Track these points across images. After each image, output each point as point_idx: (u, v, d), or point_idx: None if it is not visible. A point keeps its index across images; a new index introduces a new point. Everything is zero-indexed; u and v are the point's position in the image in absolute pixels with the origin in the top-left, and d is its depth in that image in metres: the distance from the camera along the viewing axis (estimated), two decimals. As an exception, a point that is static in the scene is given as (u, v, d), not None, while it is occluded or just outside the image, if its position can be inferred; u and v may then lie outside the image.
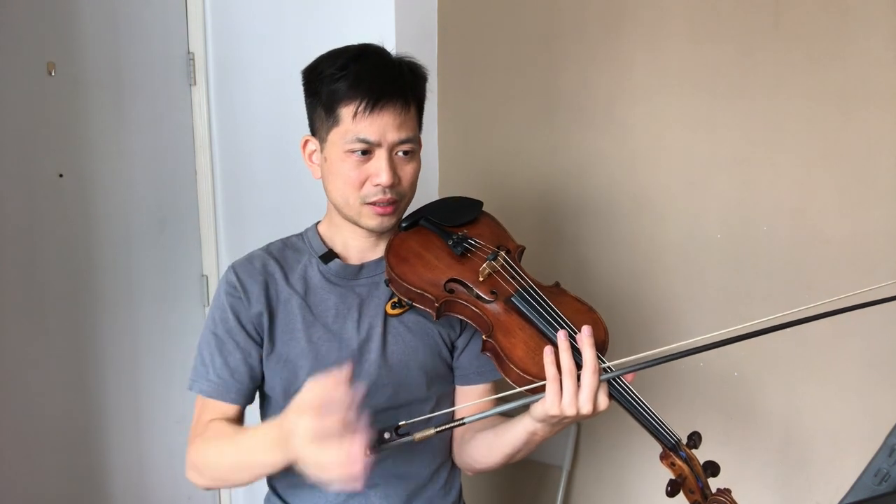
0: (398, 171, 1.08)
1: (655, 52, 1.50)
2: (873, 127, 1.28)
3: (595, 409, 0.93)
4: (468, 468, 1.19)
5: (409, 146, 1.09)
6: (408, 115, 1.08)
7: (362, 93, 1.04)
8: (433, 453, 1.18)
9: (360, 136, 1.05)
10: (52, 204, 1.72)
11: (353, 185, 1.08)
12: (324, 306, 1.14)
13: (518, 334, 1.00)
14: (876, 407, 1.32)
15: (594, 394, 0.92)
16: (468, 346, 1.19)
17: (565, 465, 1.65)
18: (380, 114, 1.04)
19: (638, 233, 1.56)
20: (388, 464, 1.14)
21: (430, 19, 1.81)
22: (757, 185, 1.41)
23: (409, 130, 1.08)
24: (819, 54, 1.32)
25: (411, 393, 1.14)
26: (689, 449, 0.95)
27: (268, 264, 1.16)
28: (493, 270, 1.08)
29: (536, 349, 0.97)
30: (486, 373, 1.18)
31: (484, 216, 1.23)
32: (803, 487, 1.42)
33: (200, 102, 2.06)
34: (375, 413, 1.13)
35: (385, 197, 1.08)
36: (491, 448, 1.09)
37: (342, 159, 1.07)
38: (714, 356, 1.49)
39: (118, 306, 1.90)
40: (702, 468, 0.94)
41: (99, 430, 1.87)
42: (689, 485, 0.94)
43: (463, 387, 1.20)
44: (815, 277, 1.37)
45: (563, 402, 0.91)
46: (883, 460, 0.84)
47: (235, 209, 2.11)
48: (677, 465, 0.95)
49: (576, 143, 1.63)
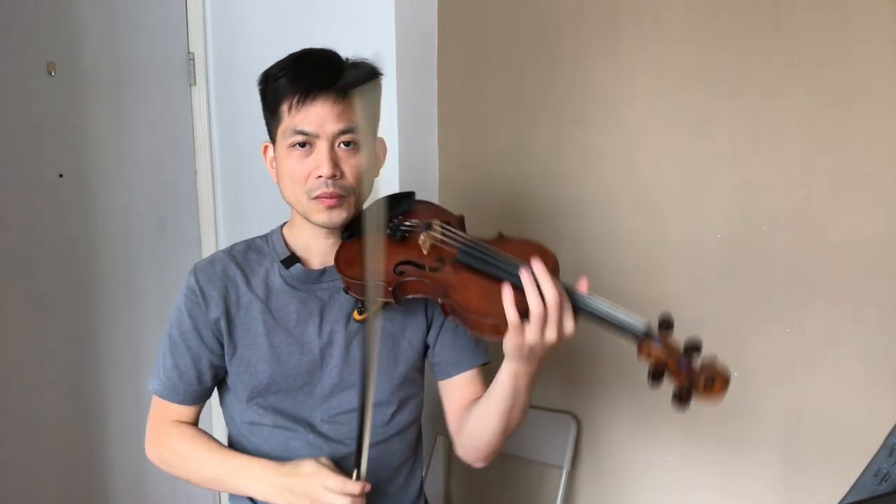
0: (341, 164, 1.09)
1: (655, 52, 1.50)
2: (873, 127, 1.28)
3: (562, 336, 0.94)
4: (476, 455, 1.16)
5: (349, 136, 1.09)
6: (347, 106, 1.08)
7: (296, 86, 1.07)
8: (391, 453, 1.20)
9: (297, 127, 1.07)
10: (52, 204, 1.72)
11: (298, 180, 1.10)
12: (285, 311, 1.15)
13: (470, 286, 1.03)
14: (876, 407, 1.32)
15: (558, 323, 0.93)
16: (438, 338, 1.20)
17: (565, 465, 1.65)
18: (313, 104, 1.07)
19: (638, 233, 1.56)
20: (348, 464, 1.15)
21: (430, 19, 1.81)
22: (757, 185, 1.41)
23: (348, 121, 1.08)
24: (819, 54, 1.32)
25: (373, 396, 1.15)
26: (664, 334, 0.93)
27: (229, 269, 1.17)
28: (435, 241, 1.11)
29: (491, 293, 0.99)
30: (462, 362, 1.19)
31: (418, 203, 1.25)
32: (803, 487, 1.42)
33: (200, 102, 2.06)
34: (339, 415, 1.15)
35: (328, 190, 1.08)
36: (487, 414, 1.08)
37: (286, 155, 1.10)
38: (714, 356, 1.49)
39: (118, 306, 1.90)
40: (682, 349, 0.92)
41: (99, 430, 1.87)
42: (670, 368, 0.92)
43: (444, 381, 1.21)
44: (814, 277, 1.37)
45: (526, 335, 0.94)
46: (883, 460, 0.84)
47: (235, 209, 2.11)
48: (653, 353, 0.92)
49: (576, 143, 1.63)
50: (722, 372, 0.90)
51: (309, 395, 1.15)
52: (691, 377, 0.90)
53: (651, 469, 1.61)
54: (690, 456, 1.55)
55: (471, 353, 1.20)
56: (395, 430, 1.20)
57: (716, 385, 0.89)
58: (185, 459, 1.15)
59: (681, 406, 0.91)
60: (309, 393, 1.15)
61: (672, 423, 1.57)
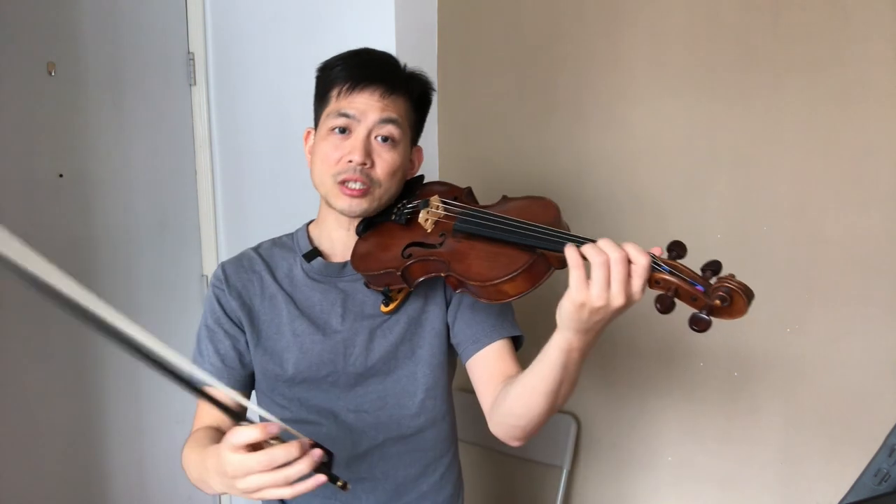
0: (374, 155, 1.10)
1: (655, 52, 1.50)
2: (873, 127, 1.29)
3: (630, 297, 0.84)
4: (514, 433, 1.08)
5: (389, 129, 1.10)
6: (392, 101, 1.11)
7: (348, 74, 1.10)
8: (423, 449, 1.19)
9: (342, 110, 1.09)
10: (52, 204, 1.72)
11: (329, 163, 1.10)
12: (308, 302, 1.17)
13: (470, 254, 1.01)
14: (876, 407, 1.32)
15: (624, 283, 0.84)
16: (457, 317, 1.17)
17: (565, 465, 1.65)
18: (362, 91, 1.09)
19: (638, 233, 1.56)
20: (374, 461, 1.15)
21: (430, 19, 1.82)
22: (757, 185, 1.41)
23: (392, 113, 1.10)
24: (819, 54, 1.32)
25: (399, 385, 1.15)
26: (674, 260, 0.86)
27: (255, 264, 1.21)
28: (438, 217, 1.10)
29: (490, 257, 0.97)
30: (481, 338, 1.15)
31: (425, 185, 1.25)
32: (803, 487, 1.42)
33: (200, 102, 2.06)
34: (363, 404, 1.15)
35: (355, 175, 1.08)
36: (532, 392, 0.98)
37: (324, 138, 1.12)
38: (714, 356, 1.50)
39: (118, 306, 1.88)
40: (700, 272, 0.85)
41: (99, 430, 1.87)
42: (685, 294, 0.84)
43: (470, 360, 1.16)
44: (814, 277, 1.37)
45: (591, 290, 0.83)
46: (883, 460, 0.84)
47: (235, 209, 2.11)
48: (662, 280, 0.85)
49: (576, 143, 1.63)
50: (740, 286, 0.82)
51: (334, 384, 1.15)
52: (709, 296, 0.82)
53: (651, 469, 1.61)
54: (690, 456, 1.55)
55: (492, 328, 1.14)
56: (425, 422, 1.18)
57: (735, 301, 0.81)
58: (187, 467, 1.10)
59: (700, 329, 0.82)
60: (334, 382, 1.15)
61: (672, 423, 1.57)
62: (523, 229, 0.97)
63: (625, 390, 1.62)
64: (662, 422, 1.58)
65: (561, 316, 0.88)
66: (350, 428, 1.15)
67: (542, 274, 0.95)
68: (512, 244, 0.97)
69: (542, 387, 0.96)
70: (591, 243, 0.86)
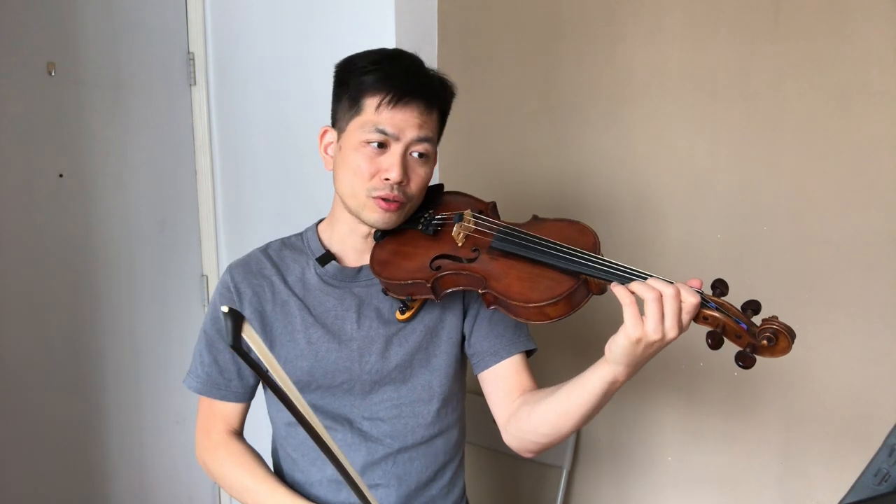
0: (409, 172, 1.09)
1: (656, 51, 1.50)
2: (873, 127, 1.28)
3: (681, 328, 0.88)
4: (531, 448, 1.11)
5: (424, 147, 1.09)
6: (429, 118, 1.09)
7: (389, 86, 1.06)
8: (434, 455, 1.18)
9: (380, 126, 1.06)
10: (52, 204, 1.72)
11: (362, 177, 1.08)
12: (322, 308, 1.15)
13: (510, 273, 1.01)
14: (876, 407, 1.32)
15: (677, 317, 0.88)
16: (474, 328, 1.17)
17: (565, 465, 1.65)
18: (403, 109, 1.06)
19: (638, 232, 1.56)
20: (388, 465, 1.14)
21: (430, 19, 1.81)
22: (757, 185, 1.41)
23: (428, 131, 1.09)
24: (819, 54, 1.32)
25: (415, 393, 1.15)
26: (718, 297, 0.91)
27: (264, 268, 1.17)
28: (469, 231, 1.09)
29: (531, 278, 0.98)
30: (499, 351, 1.15)
31: (447, 195, 1.24)
32: (803, 487, 1.42)
33: (200, 102, 2.06)
34: (379, 412, 1.14)
35: (392, 193, 1.07)
36: (563, 416, 1.01)
37: (357, 149, 1.08)
38: (714, 356, 1.49)
39: (118, 306, 1.90)
40: (740, 310, 0.90)
41: (99, 430, 1.87)
42: (730, 331, 0.89)
43: (485, 372, 1.16)
44: (814, 277, 1.37)
45: (646, 326, 0.87)
46: (883, 460, 0.84)
47: (235, 209, 2.11)
48: (710, 317, 0.89)
49: (576, 143, 1.63)
50: (784, 327, 0.87)
51: (349, 391, 1.14)
52: (755, 336, 0.87)
53: (651, 469, 1.61)
54: (690, 456, 1.55)
55: (509, 341, 1.15)
56: (438, 430, 1.18)
57: (780, 341, 0.87)
58: (230, 481, 1.15)
59: (745, 366, 0.87)
60: (349, 390, 1.14)
61: (672, 423, 1.57)
62: (567, 254, 0.98)
63: (625, 390, 1.62)
64: (662, 422, 1.58)
65: (613, 351, 0.91)
66: (365, 435, 1.14)
67: (582, 299, 0.97)
68: (554, 267, 0.98)
69: (576, 412, 0.99)
70: (639, 281, 0.89)
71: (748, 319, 0.89)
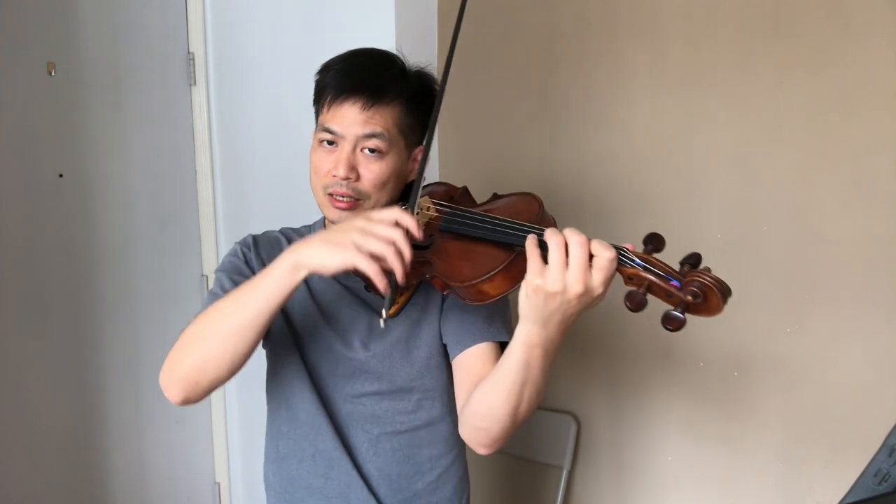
0: (360, 168, 1.09)
1: (656, 52, 1.50)
2: (873, 127, 1.29)
3: (588, 288, 0.82)
4: (478, 437, 1.05)
5: (374, 143, 1.09)
6: (377, 111, 1.08)
7: (333, 85, 1.09)
8: (417, 448, 1.19)
9: (326, 125, 1.09)
10: (52, 204, 1.72)
11: (318, 174, 1.11)
12: (320, 289, 1.18)
13: (454, 253, 0.98)
14: (876, 407, 1.32)
15: (583, 269, 0.81)
16: (446, 316, 1.17)
17: (565, 465, 1.65)
18: (341, 105, 1.08)
19: (638, 233, 1.55)
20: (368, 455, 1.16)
21: (430, 19, 1.82)
22: (757, 185, 1.41)
23: (375, 126, 1.08)
24: (819, 54, 1.32)
25: (395, 384, 1.16)
26: (650, 254, 0.83)
27: (282, 242, 1.21)
28: (428, 219, 1.08)
29: (472, 256, 0.95)
30: (463, 339, 1.13)
31: (426, 187, 1.22)
32: (803, 487, 1.42)
33: (200, 102, 2.06)
34: (361, 396, 1.16)
35: (341, 190, 1.09)
36: (493, 389, 0.96)
37: (314, 149, 1.12)
38: (714, 356, 1.50)
39: (118, 306, 1.90)
40: (675, 266, 0.81)
41: (99, 430, 1.87)
42: (658, 290, 0.80)
43: (454, 360, 1.15)
44: (814, 277, 1.37)
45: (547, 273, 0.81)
46: (883, 460, 0.84)
47: (235, 209, 2.11)
48: (635, 276, 0.81)
49: (576, 143, 1.63)
50: (714, 280, 0.77)
51: (332, 372, 1.16)
52: (683, 289, 0.78)
53: (651, 469, 1.61)
54: (690, 456, 1.55)
55: (477, 330, 1.13)
56: (421, 422, 1.18)
57: (710, 298, 0.76)
58: (202, 319, 1.04)
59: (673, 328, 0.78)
60: (332, 370, 1.16)
61: (672, 423, 1.57)
62: (501, 226, 0.93)
63: (625, 390, 1.62)
64: (662, 422, 1.58)
65: (520, 305, 0.86)
66: (349, 415, 1.16)
67: (523, 273, 0.86)
68: (493, 242, 0.94)
69: (504, 384, 0.94)
70: (555, 229, 0.84)
71: (681, 276, 0.79)
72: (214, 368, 1.00)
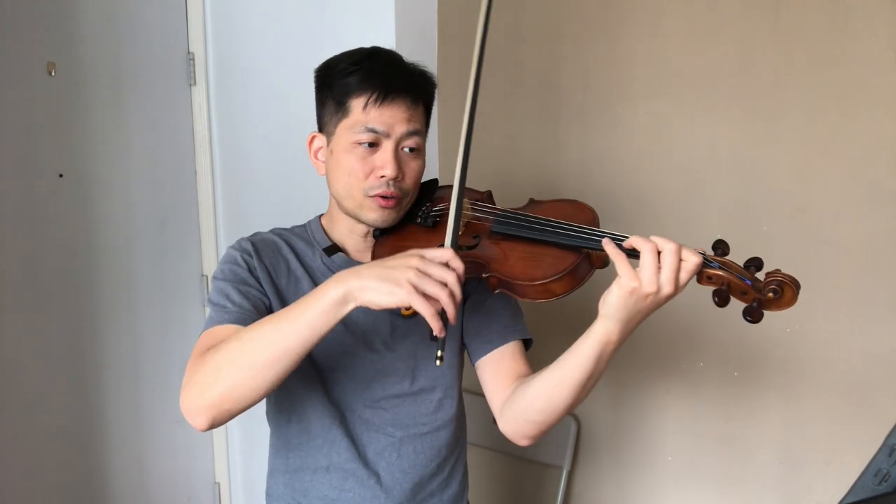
0: (403, 167, 1.10)
1: (656, 52, 1.50)
2: (873, 127, 1.29)
3: (677, 285, 0.90)
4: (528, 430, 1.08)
5: (415, 141, 1.10)
6: (416, 111, 1.11)
7: (374, 85, 1.07)
8: (437, 448, 1.19)
9: (370, 125, 1.07)
10: (52, 204, 1.72)
11: (357, 177, 1.08)
12: None
13: (511, 255, 1.02)
14: (876, 407, 1.32)
15: (675, 272, 0.89)
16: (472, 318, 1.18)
17: (565, 465, 1.65)
18: (389, 105, 1.07)
19: (638, 232, 1.56)
20: (391, 459, 1.15)
21: (430, 19, 1.82)
22: (757, 185, 1.41)
23: (417, 124, 1.10)
24: (819, 54, 1.32)
25: (418, 384, 1.16)
26: (720, 257, 0.93)
27: (281, 247, 1.18)
28: (468, 219, 1.11)
29: (533, 257, 0.99)
30: (493, 339, 1.16)
31: (442, 188, 1.24)
32: (803, 487, 1.42)
33: (200, 102, 2.06)
34: (381, 400, 1.15)
35: (388, 190, 1.08)
36: (558, 385, 1.00)
37: (348, 150, 1.09)
38: (714, 356, 1.50)
39: (118, 306, 1.90)
40: (743, 267, 0.92)
41: (99, 430, 1.87)
42: (736, 288, 0.91)
43: (481, 360, 1.17)
44: (814, 277, 1.37)
45: (641, 276, 0.88)
46: (883, 460, 0.84)
47: (235, 209, 2.11)
48: (714, 276, 0.92)
49: (576, 143, 1.63)
50: (789, 278, 0.89)
51: (352, 378, 1.14)
52: (759, 291, 0.90)
53: (651, 469, 1.61)
54: (690, 456, 1.55)
55: (505, 329, 1.16)
56: (441, 422, 1.18)
57: (785, 293, 0.89)
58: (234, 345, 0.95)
59: (754, 320, 0.91)
60: (352, 376, 1.14)
61: (672, 423, 1.57)
62: (567, 230, 0.99)
63: (625, 390, 1.62)
64: (662, 422, 1.58)
65: (607, 304, 0.91)
66: (367, 424, 1.15)
67: (586, 273, 0.98)
68: (555, 245, 0.99)
69: (571, 380, 0.98)
70: (638, 236, 0.92)
71: (752, 276, 0.91)
72: (246, 397, 0.94)
